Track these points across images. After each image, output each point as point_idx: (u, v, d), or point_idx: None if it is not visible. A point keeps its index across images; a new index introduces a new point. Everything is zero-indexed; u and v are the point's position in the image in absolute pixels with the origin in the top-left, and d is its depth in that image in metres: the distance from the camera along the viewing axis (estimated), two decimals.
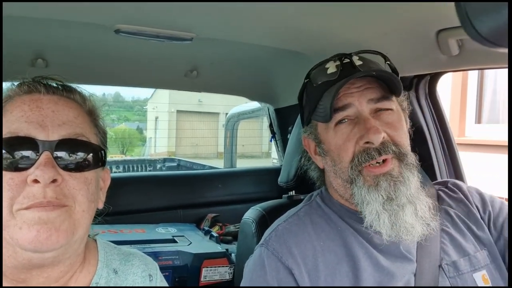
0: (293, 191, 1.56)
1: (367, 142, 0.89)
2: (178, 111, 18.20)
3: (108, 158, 0.81)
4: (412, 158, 0.93)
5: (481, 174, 3.36)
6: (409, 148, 0.95)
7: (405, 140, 0.94)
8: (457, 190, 1.07)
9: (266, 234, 1.01)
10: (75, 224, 0.69)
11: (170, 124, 17.67)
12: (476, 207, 1.03)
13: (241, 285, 0.97)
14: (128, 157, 10.36)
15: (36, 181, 0.65)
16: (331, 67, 0.97)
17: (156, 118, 19.23)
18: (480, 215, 1.02)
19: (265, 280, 0.91)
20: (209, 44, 1.46)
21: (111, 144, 0.87)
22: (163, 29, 1.22)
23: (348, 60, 0.96)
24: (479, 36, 0.38)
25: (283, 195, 1.45)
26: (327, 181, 1.05)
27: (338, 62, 0.97)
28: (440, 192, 1.08)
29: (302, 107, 1.07)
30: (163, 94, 17.15)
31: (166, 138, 17.80)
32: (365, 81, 0.94)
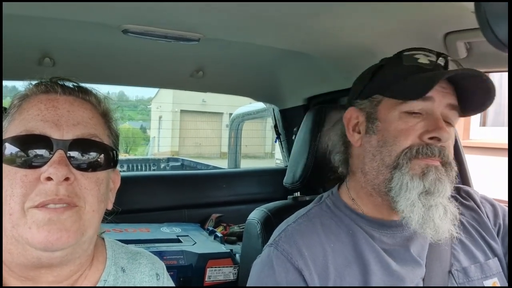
0: (298, 192, 1.56)
1: (433, 138, 0.88)
2: (182, 111, 18.23)
3: None
4: (454, 172, 0.93)
5: (486, 177, 3.34)
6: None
7: (452, 155, 0.94)
8: (469, 198, 1.07)
9: (275, 235, 1.00)
10: (85, 224, 0.70)
11: (174, 124, 17.70)
12: (488, 217, 1.03)
13: (248, 285, 0.97)
14: (132, 156, 10.38)
15: (49, 178, 0.66)
16: (422, 59, 0.94)
17: (160, 117, 19.27)
18: (491, 225, 1.02)
19: (275, 280, 0.90)
20: (215, 44, 1.46)
21: None
22: (170, 30, 1.23)
23: (444, 60, 0.93)
24: (497, 40, 0.38)
25: (288, 196, 1.45)
26: (355, 164, 1.00)
27: (433, 57, 0.94)
28: (452, 198, 1.07)
29: (369, 80, 1.00)
30: (167, 94, 17.18)
31: (170, 138, 17.83)
32: (450, 86, 0.92)
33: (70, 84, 0.78)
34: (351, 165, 1.02)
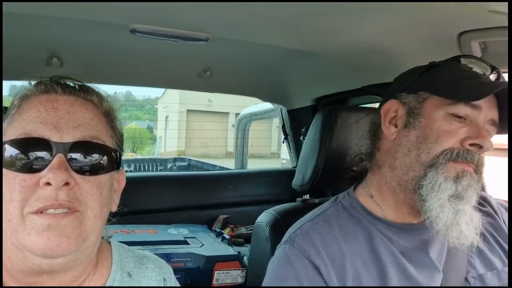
0: (307, 195, 1.53)
1: (474, 145, 0.88)
2: (188, 111, 18.29)
3: None
4: (481, 183, 0.92)
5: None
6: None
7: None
8: (486, 204, 1.05)
9: (290, 232, 0.98)
10: (86, 230, 0.68)
11: (180, 124, 17.75)
12: (504, 222, 1.02)
13: (264, 284, 0.94)
14: (139, 156, 10.41)
15: (48, 183, 0.64)
16: (476, 68, 0.95)
17: (167, 117, 19.33)
18: (508, 231, 1.00)
19: (296, 277, 0.88)
20: (223, 44, 1.45)
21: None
22: (178, 29, 1.22)
23: (497, 75, 0.95)
24: None
25: (297, 199, 1.43)
26: (382, 158, 0.99)
27: (487, 70, 0.95)
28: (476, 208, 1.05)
29: (417, 76, 1.00)
30: (174, 94, 17.24)
31: (176, 138, 17.89)
32: (495, 101, 0.92)
33: (71, 83, 0.75)
34: (377, 159, 1.00)
